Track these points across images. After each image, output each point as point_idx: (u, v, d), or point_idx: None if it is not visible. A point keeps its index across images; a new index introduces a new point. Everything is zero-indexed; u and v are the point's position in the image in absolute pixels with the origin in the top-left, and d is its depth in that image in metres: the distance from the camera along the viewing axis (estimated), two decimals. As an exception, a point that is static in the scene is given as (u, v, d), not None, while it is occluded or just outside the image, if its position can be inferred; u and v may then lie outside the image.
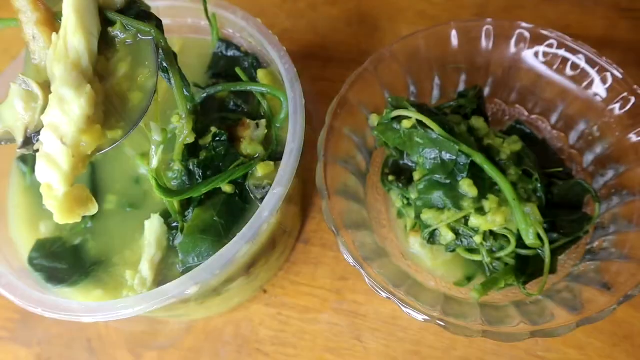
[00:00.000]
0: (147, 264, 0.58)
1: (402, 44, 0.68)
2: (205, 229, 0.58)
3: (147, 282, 0.57)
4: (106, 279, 0.60)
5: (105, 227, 0.62)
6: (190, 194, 0.57)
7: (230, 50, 0.69)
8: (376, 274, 0.57)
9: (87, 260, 0.60)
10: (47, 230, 0.62)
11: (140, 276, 0.57)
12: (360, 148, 0.68)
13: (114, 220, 0.62)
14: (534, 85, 0.69)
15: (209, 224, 0.58)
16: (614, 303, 0.53)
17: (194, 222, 0.58)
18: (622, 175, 0.63)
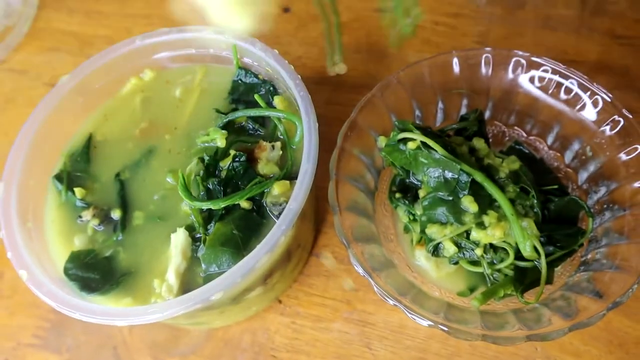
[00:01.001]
0: (173, 273, 0.63)
1: (407, 72, 0.73)
2: (225, 242, 0.63)
3: (173, 289, 0.62)
4: (135, 287, 0.65)
5: (134, 240, 0.67)
6: (210, 204, 0.63)
7: (248, 78, 0.74)
8: (384, 283, 0.61)
9: (117, 270, 0.65)
10: (80, 243, 0.67)
11: (167, 284, 0.62)
12: (369, 168, 0.73)
13: (142, 234, 0.68)
14: (531, 108, 0.74)
15: (228, 237, 0.63)
16: (604, 309, 0.57)
17: (215, 235, 0.64)
18: (613, 191, 0.68)
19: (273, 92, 0.73)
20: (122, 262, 0.66)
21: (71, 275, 0.65)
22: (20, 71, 1.05)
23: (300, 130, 0.66)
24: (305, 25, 0.99)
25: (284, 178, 0.66)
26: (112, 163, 0.73)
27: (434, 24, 0.96)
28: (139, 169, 0.71)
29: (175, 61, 0.77)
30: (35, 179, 0.71)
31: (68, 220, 0.70)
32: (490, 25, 0.94)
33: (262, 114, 0.70)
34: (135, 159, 0.72)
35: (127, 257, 0.66)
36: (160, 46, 0.76)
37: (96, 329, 0.79)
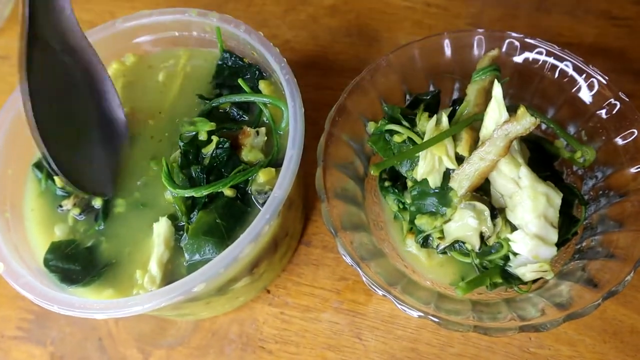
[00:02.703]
0: (156, 263, 0.61)
1: (397, 54, 0.71)
2: (209, 231, 0.61)
3: (156, 280, 0.60)
4: (117, 278, 0.63)
5: (116, 229, 0.65)
6: (192, 192, 0.61)
7: (233, 61, 0.72)
8: (373, 273, 0.59)
9: (99, 261, 0.64)
10: (61, 233, 0.65)
11: (150, 275, 0.60)
12: (358, 154, 0.71)
13: (124, 223, 0.65)
14: (524, 91, 0.72)
15: (212, 226, 0.61)
16: (599, 299, 0.55)
17: (198, 224, 0.62)
18: (609, 177, 0.66)
19: (258, 76, 0.71)
20: (104, 252, 0.64)
21: (51, 266, 0.63)
22: (1, 57, 1.02)
23: (287, 115, 0.64)
24: (294, 8, 0.96)
25: (270, 165, 0.64)
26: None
27: (425, 5, 0.93)
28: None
29: (158, 45, 0.75)
30: (13, 167, 0.68)
31: (48, 210, 0.68)
32: (484, 7, 0.92)
33: (247, 99, 0.68)
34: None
35: (108, 247, 0.64)
36: (142, 29, 0.73)
37: (81, 321, 0.77)
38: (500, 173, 0.62)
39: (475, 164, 0.62)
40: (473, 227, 0.63)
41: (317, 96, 0.84)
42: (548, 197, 0.61)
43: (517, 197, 0.62)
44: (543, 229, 0.61)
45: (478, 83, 0.68)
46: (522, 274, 0.63)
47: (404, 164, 0.67)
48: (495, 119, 0.62)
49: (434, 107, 0.71)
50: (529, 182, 0.61)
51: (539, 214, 0.61)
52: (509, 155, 0.62)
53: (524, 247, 0.62)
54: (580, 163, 0.67)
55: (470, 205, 0.63)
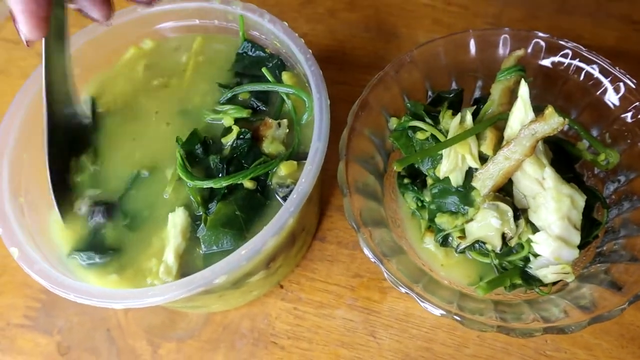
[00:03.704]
0: (172, 254, 0.60)
1: (421, 50, 0.70)
2: (227, 222, 0.60)
3: (172, 271, 0.59)
4: (123, 265, 0.62)
5: (127, 216, 0.64)
6: (211, 183, 0.60)
7: (254, 51, 0.71)
8: (395, 270, 0.59)
9: (105, 245, 0.63)
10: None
11: (166, 265, 0.59)
12: (379, 149, 0.70)
13: (135, 210, 0.64)
14: (548, 92, 0.71)
15: (231, 218, 0.60)
16: (625, 302, 0.55)
17: (217, 216, 0.61)
18: (632, 181, 0.65)
19: (281, 67, 0.70)
20: (110, 238, 0.63)
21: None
22: (13, 41, 1.01)
23: (310, 107, 0.63)
24: (312, 1, 0.95)
25: (291, 158, 0.63)
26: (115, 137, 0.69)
27: (445, 4, 0.92)
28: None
29: (178, 32, 0.74)
30: (29, 152, 0.67)
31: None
32: (505, 6, 0.91)
33: (271, 88, 0.67)
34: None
35: (116, 233, 0.63)
36: (163, 15, 0.72)
37: (89, 310, 0.76)
38: (524, 173, 0.62)
39: (500, 164, 0.61)
40: (495, 227, 0.62)
41: (333, 91, 0.82)
42: (572, 199, 0.61)
43: (540, 198, 0.61)
44: (566, 231, 0.61)
45: (503, 82, 0.67)
46: (544, 275, 0.63)
47: (425, 161, 0.67)
48: (521, 119, 0.61)
49: (456, 105, 0.71)
50: (553, 183, 0.61)
51: (563, 215, 0.60)
52: (533, 155, 0.61)
53: (547, 249, 0.61)
54: (603, 166, 0.67)
55: (494, 205, 0.63)
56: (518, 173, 0.62)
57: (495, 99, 0.67)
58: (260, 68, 0.68)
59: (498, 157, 0.61)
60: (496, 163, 0.62)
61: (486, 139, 0.64)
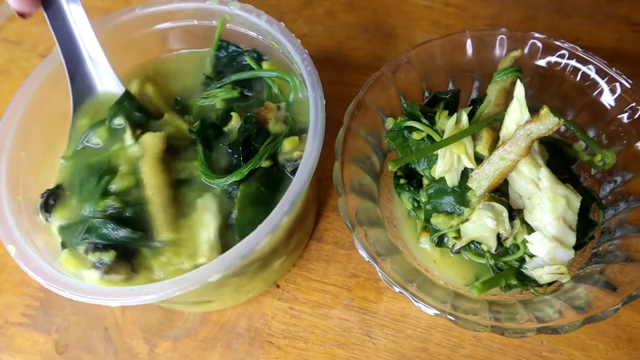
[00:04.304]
0: (213, 233, 0.62)
1: (418, 51, 0.70)
2: (255, 200, 0.63)
3: (217, 246, 0.61)
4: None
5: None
6: (234, 177, 0.63)
7: (230, 49, 0.74)
8: (390, 270, 0.59)
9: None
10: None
11: (210, 243, 0.61)
12: (375, 149, 0.70)
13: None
14: (544, 92, 0.72)
15: (257, 195, 0.63)
16: (619, 303, 0.55)
17: (243, 197, 0.63)
18: (628, 182, 0.65)
19: (257, 58, 0.73)
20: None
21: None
22: (15, 42, 1.01)
23: (294, 86, 0.68)
24: (312, 3, 0.96)
25: (290, 135, 0.67)
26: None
27: (444, 5, 0.93)
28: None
29: (177, 32, 0.74)
30: (27, 151, 0.67)
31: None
32: (503, 7, 0.91)
33: (256, 74, 0.71)
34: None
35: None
36: (162, 16, 0.72)
37: (87, 309, 0.76)
38: (520, 174, 0.62)
39: (496, 164, 0.62)
40: (491, 228, 0.62)
41: (331, 91, 0.83)
42: (567, 200, 0.61)
43: (536, 199, 0.61)
44: (561, 231, 0.61)
45: (499, 83, 0.67)
46: (539, 276, 0.63)
47: (422, 161, 0.67)
48: (517, 119, 0.62)
49: (453, 105, 0.71)
50: (549, 183, 0.61)
51: (558, 216, 0.60)
52: (529, 156, 0.61)
53: (542, 249, 0.61)
54: (599, 166, 0.67)
55: (489, 205, 0.63)
56: (514, 173, 0.62)
57: (491, 99, 0.67)
58: (237, 63, 0.72)
59: (493, 157, 0.61)
60: (492, 163, 0.62)
61: (482, 139, 0.64)
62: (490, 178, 0.62)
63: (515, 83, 0.62)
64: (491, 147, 0.63)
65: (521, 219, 0.63)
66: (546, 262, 0.62)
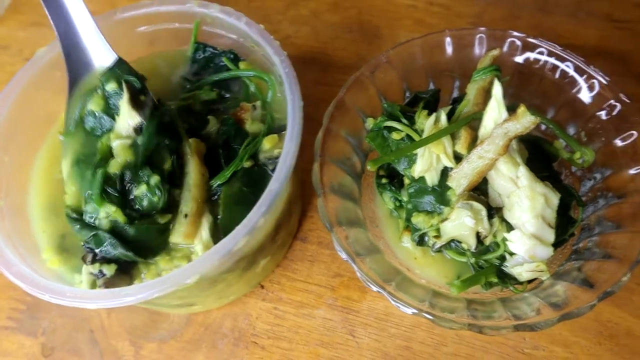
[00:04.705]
0: (206, 231, 0.62)
1: (397, 51, 0.70)
2: (238, 200, 0.63)
3: (210, 245, 0.61)
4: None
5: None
6: (218, 180, 0.63)
7: (207, 51, 0.74)
8: (368, 269, 0.59)
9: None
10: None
11: (202, 242, 0.62)
12: (356, 150, 0.70)
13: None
14: (524, 91, 0.72)
15: (239, 195, 0.63)
16: (594, 299, 0.55)
17: (226, 198, 0.63)
18: (607, 178, 0.66)
19: (234, 59, 0.73)
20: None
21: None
22: (0, 46, 1.02)
23: (272, 85, 0.68)
24: (296, 4, 0.96)
25: (269, 133, 0.67)
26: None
27: (427, 4, 0.93)
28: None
29: (158, 35, 0.74)
30: (10, 155, 0.68)
31: (53, 200, 0.67)
32: (486, 6, 0.91)
33: (234, 75, 0.71)
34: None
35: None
36: (143, 19, 0.73)
37: (73, 312, 0.77)
38: (498, 172, 0.62)
39: (474, 163, 0.62)
40: (469, 226, 0.63)
41: (316, 92, 0.84)
42: (546, 198, 0.61)
43: (514, 197, 0.62)
44: (540, 229, 0.61)
45: (478, 82, 0.68)
46: (519, 273, 0.63)
47: (402, 161, 0.67)
48: (495, 118, 0.62)
49: (433, 105, 0.71)
50: (528, 181, 0.61)
51: (537, 213, 0.61)
52: (507, 154, 0.61)
53: (521, 247, 0.62)
54: (579, 164, 0.67)
55: (467, 204, 0.63)
56: (493, 172, 0.62)
57: (470, 98, 0.67)
58: (215, 65, 0.72)
59: (472, 156, 0.62)
60: (470, 162, 0.62)
61: (461, 138, 0.64)
62: (469, 177, 0.63)
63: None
64: (470, 146, 0.64)
65: (501, 217, 0.64)
66: (526, 260, 0.62)
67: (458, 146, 0.64)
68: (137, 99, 0.63)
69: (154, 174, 0.61)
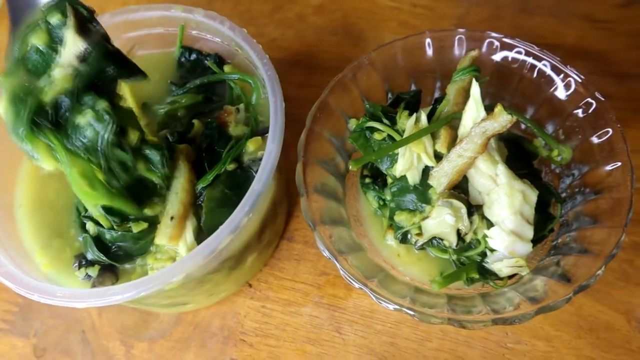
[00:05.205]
0: (190, 234, 0.63)
1: (379, 52, 0.72)
2: (221, 203, 0.64)
3: (194, 247, 0.62)
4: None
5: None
6: (201, 183, 0.64)
7: (193, 55, 0.75)
8: (349, 266, 0.60)
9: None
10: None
11: (186, 244, 0.63)
12: (339, 150, 0.72)
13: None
14: (504, 90, 0.73)
15: (222, 198, 0.64)
16: (570, 292, 0.56)
17: (209, 201, 0.64)
18: (585, 175, 0.67)
19: (219, 62, 0.74)
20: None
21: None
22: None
23: (257, 87, 0.69)
24: (282, 7, 0.97)
25: (253, 135, 0.68)
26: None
27: (411, 6, 0.94)
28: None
29: (143, 40, 0.76)
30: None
31: (39, 202, 0.69)
32: (470, 7, 0.93)
33: (219, 78, 0.72)
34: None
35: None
36: (128, 25, 0.74)
37: (65, 313, 0.78)
38: (478, 170, 0.64)
39: (454, 161, 0.63)
40: (450, 224, 0.64)
41: (302, 94, 0.85)
42: (524, 194, 0.63)
43: (494, 194, 0.63)
44: (519, 226, 0.62)
45: (458, 83, 0.69)
46: (499, 269, 0.64)
47: (385, 161, 0.68)
48: (473, 117, 0.63)
49: (414, 105, 0.72)
50: (506, 179, 0.62)
51: (515, 210, 0.62)
52: (486, 153, 0.63)
53: (501, 243, 0.63)
54: (557, 161, 0.68)
55: (447, 202, 0.64)
56: (472, 170, 0.64)
57: (450, 98, 0.69)
58: (201, 69, 0.73)
59: (451, 155, 0.63)
60: (450, 161, 0.64)
61: (441, 137, 0.66)
62: (449, 175, 0.64)
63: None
64: (450, 145, 0.65)
65: (481, 215, 0.65)
66: (505, 256, 0.64)
67: (438, 145, 0.65)
68: (84, 26, 0.56)
69: (100, 98, 0.54)
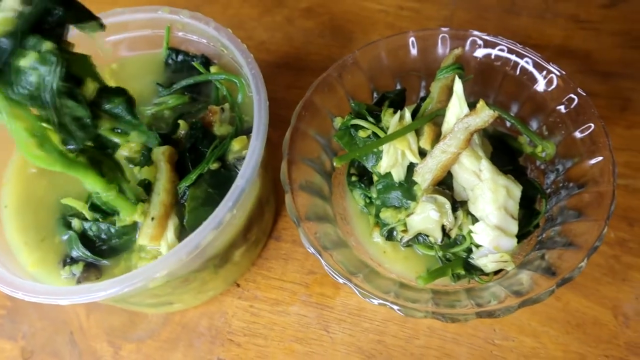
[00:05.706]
0: (171, 233, 0.63)
1: (363, 52, 0.73)
2: (204, 202, 0.64)
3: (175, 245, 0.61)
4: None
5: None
6: (184, 183, 0.65)
7: (179, 56, 0.76)
8: (334, 262, 0.61)
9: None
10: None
11: (167, 243, 0.63)
12: (325, 149, 0.72)
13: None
14: (488, 88, 0.74)
15: (206, 197, 0.65)
16: (553, 285, 0.57)
17: (192, 200, 0.64)
18: (569, 170, 0.68)
19: (206, 63, 0.75)
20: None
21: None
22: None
23: (242, 87, 0.70)
24: (270, 11, 0.98)
25: (238, 135, 0.68)
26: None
27: (398, 9, 0.95)
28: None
29: (131, 43, 0.76)
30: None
31: (26, 201, 0.69)
32: (456, 9, 0.94)
33: (205, 78, 0.73)
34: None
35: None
36: (116, 27, 0.74)
37: (52, 315, 0.78)
38: (462, 166, 0.64)
39: (437, 157, 0.64)
40: (435, 219, 0.64)
41: (289, 95, 0.86)
42: (508, 190, 0.63)
43: (478, 190, 0.63)
44: (503, 221, 0.63)
45: (441, 80, 0.70)
46: (484, 264, 0.65)
47: (370, 158, 0.69)
48: (457, 114, 0.64)
49: (398, 104, 0.73)
50: (490, 174, 0.63)
51: (500, 205, 0.62)
52: (470, 148, 0.63)
53: (486, 238, 0.63)
54: (541, 157, 0.69)
55: (432, 198, 0.65)
56: (456, 166, 0.64)
57: (434, 96, 0.69)
58: (188, 70, 0.73)
59: (435, 151, 0.64)
60: (434, 157, 0.64)
61: (424, 134, 0.66)
62: (433, 171, 0.64)
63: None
64: (433, 141, 0.66)
65: (466, 211, 0.65)
66: (490, 251, 0.64)
67: (422, 142, 0.66)
68: None
69: (46, 40, 0.49)
